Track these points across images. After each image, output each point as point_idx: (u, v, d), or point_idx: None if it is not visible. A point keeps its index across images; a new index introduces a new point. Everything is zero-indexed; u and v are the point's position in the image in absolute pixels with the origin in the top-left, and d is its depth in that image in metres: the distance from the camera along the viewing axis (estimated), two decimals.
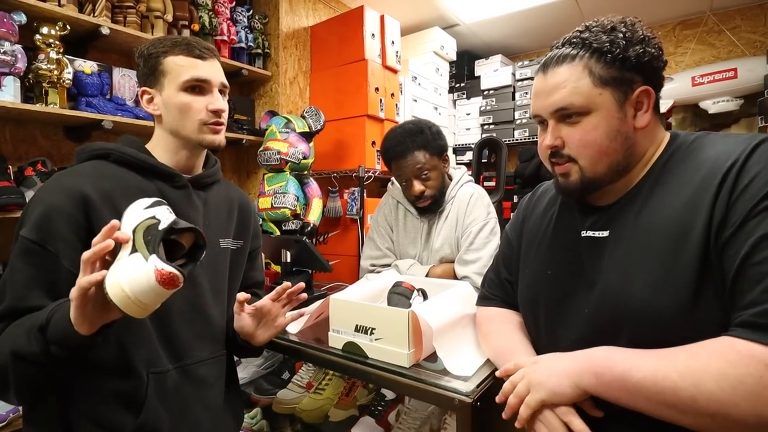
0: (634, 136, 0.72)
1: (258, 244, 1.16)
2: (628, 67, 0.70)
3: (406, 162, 1.45)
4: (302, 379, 1.74)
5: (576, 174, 0.75)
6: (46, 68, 1.50)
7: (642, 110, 0.72)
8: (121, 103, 1.77)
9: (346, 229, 2.43)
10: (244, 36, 2.29)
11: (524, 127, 3.34)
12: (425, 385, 0.87)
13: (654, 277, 0.64)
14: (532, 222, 0.93)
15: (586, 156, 0.73)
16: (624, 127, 0.71)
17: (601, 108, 0.71)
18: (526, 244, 0.92)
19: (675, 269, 0.63)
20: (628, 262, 0.69)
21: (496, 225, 1.49)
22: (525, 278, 0.90)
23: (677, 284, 0.62)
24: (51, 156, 1.72)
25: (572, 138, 0.73)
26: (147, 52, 0.92)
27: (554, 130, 0.75)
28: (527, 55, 3.79)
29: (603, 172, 0.73)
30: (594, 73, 0.71)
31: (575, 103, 0.71)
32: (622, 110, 0.71)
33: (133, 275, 0.63)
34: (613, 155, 0.72)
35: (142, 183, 0.88)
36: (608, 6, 2.90)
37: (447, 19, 3.09)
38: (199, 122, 0.92)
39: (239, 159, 2.53)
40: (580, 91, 0.71)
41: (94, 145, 0.91)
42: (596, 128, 0.71)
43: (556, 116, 0.75)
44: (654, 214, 0.68)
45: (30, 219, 0.77)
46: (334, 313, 1.06)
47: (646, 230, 0.68)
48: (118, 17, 1.76)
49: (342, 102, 2.42)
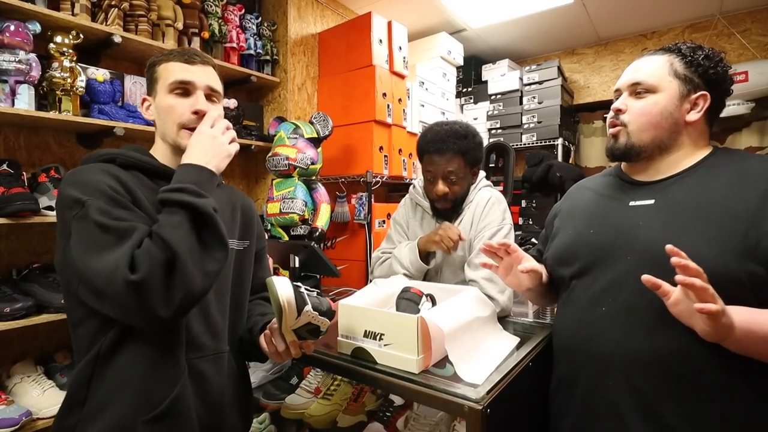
0: (682, 127, 0.90)
1: (263, 245, 1.17)
2: (699, 73, 0.89)
3: (441, 159, 1.42)
4: (311, 384, 1.73)
5: (624, 137, 0.94)
6: (59, 76, 1.52)
7: (696, 110, 0.90)
8: (133, 110, 1.79)
9: (354, 234, 2.43)
10: (253, 43, 2.32)
11: (532, 132, 3.32)
12: (434, 392, 0.86)
13: (703, 234, 0.79)
14: (567, 204, 1.11)
15: (637, 123, 0.91)
16: (677, 114, 0.90)
17: (666, 91, 0.90)
18: (562, 215, 1.09)
19: (724, 230, 0.78)
20: (677, 222, 0.84)
21: (510, 231, 1.47)
22: (563, 236, 1.04)
23: (723, 245, 0.77)
24: (64, 162, 1.74)
25: (634, 106, 0.93)
26: (149, 63, 0.95)
27: (624, 99, 0.95)
28: (534, 59, 3.79)
29: (647, 141, 0.91)
30: (672, 66, 0.91)
31: (647, 81, 0.91)
32: (681, 101, 0.90)
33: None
34: (659, 131, 0.90)
35: (149, 184, 0.90)
36: (616, 11, 2.89)
37: (454, 25, 3.09)
38: (179, 125, 0.91)
39: (248, 164, 2.55)
40: (656, 74, 0.91)
41: (100, 152, 0.92)
42: (656, 104, 0.90)
43: (630, 89, 0.94)
44: (707, 194, 0.84)
45: (84, 193, 0.78)
46: (343, 318, 1.06)
47: (698, 204, 0.83)
48: (130, 25, 1.79)
49: (350, 107, 2.44)
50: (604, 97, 3.53)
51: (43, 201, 1.46)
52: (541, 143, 3.29)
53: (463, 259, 1.49)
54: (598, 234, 0.95)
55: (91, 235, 0.75)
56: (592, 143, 3.63)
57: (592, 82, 3.59)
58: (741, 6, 2.91)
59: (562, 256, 1.02)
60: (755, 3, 2.87)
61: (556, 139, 3.22)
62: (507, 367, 0.96)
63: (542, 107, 3.29)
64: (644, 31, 3.24)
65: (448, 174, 1.43)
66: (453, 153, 1.42)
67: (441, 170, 1.43)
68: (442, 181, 1.44)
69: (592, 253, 0.94)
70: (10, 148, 1.62)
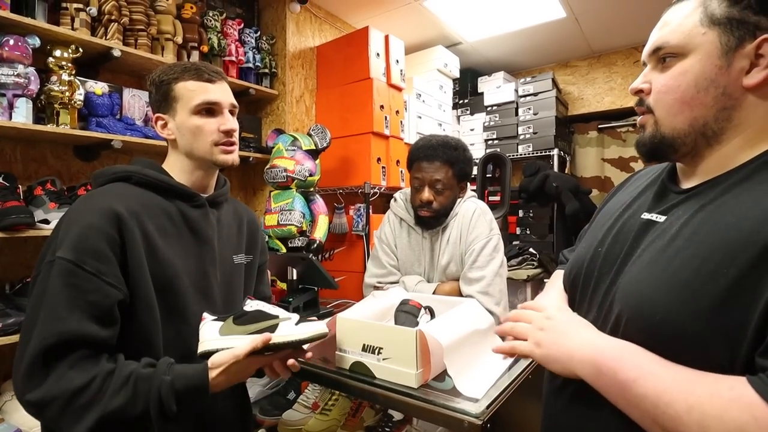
0: (739, 97, 0.58)
1: (265, 259, 1.17)
2: (757, 8, 0.56)
3: (430, 167, 1.45)
4: (308, 399, 1.71)
5: (651, 127, 0.64)
6: (58, 90, 1.53)
7: (761, 66, 0.56)
8: (131, 122, 1.80)
9: (352, 246, 2.42)
10: (252, 56, 2.34)
11: (528, 142, 3.35)
12: (434, 407, 0.86)
13: (679, 286, 0.55)
14: (614, 199, 0.81)
15: (663, 104, 0.62)
16: (723, 78, 0.58)
17: (698, 50, 0.59)
18: (597, 218, 0.83)
19: (701, 276, 0.53)
20: (663, 256, 0.58)
21: (499, 241, 1.48)
22: (579, 249, 0.81)
23: (702, 300, 0.52)
24: (60, 175, 1.74)
25: (657, 82, 0.63)
26: (158, 80, 0.95)
27: (646, 74, 0.65)
28: (529, 71, 3.83)
29: (682, 128, 0.61)
30: (707, 11, 0.59)
31: (671, 42, 0.61)
32: (727, 57, 0.57)
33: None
34: (698, 109, 0.59)
35: (162, 203, 0.91)
36: (608, 24, 2.93)
37: (450, 38, 3.13)
38: (211, 143, 0.94)
39: (246, 176, 2.55)
40: (682, 28, 0.60)
41: (114, 168, 0.92)
42: (685, 73, 0.60)
43: (653, 59, 0.65)
44: (718, 214, 0.56)
45: (66, 240, 0.77)
46: (341, 332, 1.05)
47: (698, 226, 0.57)
48: (129, 39, 1.80)
49: (347, 119, 2.45)
50: (597, 108, 3.57)
51: (38, 214, 1.45)
52: (537, 154, 3.31)
53: (454, 273, 1.49)
54: (600, 255, 0.71)
55: (38, 300, 0.75)
56: (587, 153, 3.66)
57: (586, 93, 3.63)
58: None
59: (567, 276, 0.79)
60: None
61: (552, 150, 3.25)
62: (506, 381, 0.96)
63: (537, 118, 3.32)
64: (636, 44, 3.28)
65: (435, 182, 1.45)
66: (442, 162, 1.45)
67: (429, 177, 1.45)
68: (429, 189, 1.46)
69: (588, 277, 0.72)
70: (6, 161, 1.62)
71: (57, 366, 0.73)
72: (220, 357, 0.79)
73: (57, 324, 0.73)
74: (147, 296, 0.82)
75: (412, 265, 1.56)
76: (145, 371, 0.76)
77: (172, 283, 0.87)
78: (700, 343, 0.52)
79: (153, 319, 0.83)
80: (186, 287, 0.89)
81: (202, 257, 0.94)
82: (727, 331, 0.50)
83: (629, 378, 0.55)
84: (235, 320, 0.85)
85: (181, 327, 0.88)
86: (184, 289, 0.88)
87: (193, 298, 0.90)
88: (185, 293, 0.89)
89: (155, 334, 0.84)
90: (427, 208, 1.46)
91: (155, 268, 0.84)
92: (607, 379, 0.58)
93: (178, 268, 0.88)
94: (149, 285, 0.83)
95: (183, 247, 0.91)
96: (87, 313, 0.75)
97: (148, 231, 0.85)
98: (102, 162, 1.84)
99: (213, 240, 0.97)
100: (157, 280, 0.84)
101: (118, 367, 0.76)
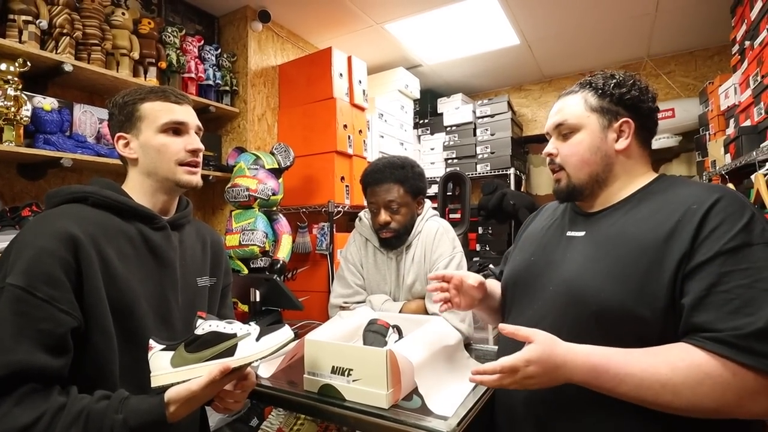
0: (614, 156, 0.88)
1: (229, 281, 1.14)
2: (615, 101, 0.88)
3: (380, 190, 1.48)
4: (272, 425, 1.65)
5: (564, 180, 0.93)
6: (2, 105, 1.44)
7: (623, 137, 0.88)
8: (82, 140, 1.71)
9: (316, 265, 2.40)
10: (212, 74, 2.30)
11: (486, 162, 3.47)
12: (406, 426, 0.86)
13: (608, 271, 0.79)
14: (531, 227, 1.10)
15: (571, 164, 0.91)
16: (605, 146, 0.88)
17: (587, 127, 0.89)
18: (521, 241, 1.09)
19: (627, 267, 0.77)
20: (593, 256, 0.83)
21: (462, 259, 1.52)
22: (512, 262, 1.06)
23: (626, 279, 0.76)
24: (2, 195, 1.62)
25: (563, 149, 0.92)
26: (122, 101, 0.93)
27: (553, 142, 0.95)
28: (486, 94, 4.00)
29: (584, 179, 0.90)
30: (587, 102, 0.90)
31: (568, 121, 0.91)
32: (605, 133, 0.88)
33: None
34: (593, 166, 0.89)
35: (122, 225, 0.87)
36: (558, 52, 3.13)
37: (410, 60, 3.23)
38: (176, 162, 0.93)
39: (205, 195, 2.48)
40: (574, 112, 0.91)
41: (70, 188, 0.88)
42: (581, 143, 0.90)
43: (556, 131, 0.94)
44: (626, 227, 0.83)
45: (17, 264, 0.73)
46: (309, 354, 1.04)
47: (615, 237, 0.83)
48: (82, 54, 1.73)
49: (311, 138, 2.45)
50: None
51: None
52: (494, 173, 3.44)
53: (420, 291, 1.51)
54: (535, 263, 0.95)
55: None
56: (541, 172, 3.85)
57: (539, 115, 3.83)
58: (665, 50, 3.25)
59: (506, 282, 1.03)
60: (678, 48, 3.22)
61: (509, 169, 3.38)
62: (474, 397, 0.98)
63: (494, 139, 3.46)
64: (583, 70, 3.52)
65: (389, 203, 1.48)
66: (391, 182, 1.48)
67: (381, 200, 1.49)
68: (384, 211, 1.49)
69: (526, 281, 0.95)
70: None
71: (2, 403, 0.67)
72: (176, 392, 0.75)
73: (4, 356, 0.68)
74: (103, 323, 0.78)
75: (378, 284, 1.57)
76: (98, 406, 0.72)
77: (130, 308, 0.83)
78: (633, 313, 0.74)
79: (109, 346, 0.79)
80: (145, 312, 0.85)
81: (163, 281, 0.91)
82: (650, 301, 0.73)
83: (614, 383, 0.71)
84: (187, 347, 0.79)
85: (138, 354, 0.83)
86: (142, 314, 0.85)
87: (152, 324, 0.86)
88: (143, 318, 0.85)
89: (112, 361, 0.80)
90: (387, 229, 1.49)
91: (113, 294, 0.80)
92: (595, 383, 0.72)
93: (137, 293, 0.84)
94: (106, 311, 0.79)
95: (143, 270, 0.88)
96: (38, 342, 0.70)
97: (106, 255, 0.81)
98: (49, 181, 1.73)
99: (175, 263, 0.93)
100: (115, 306, 0.80)
101: (69, 401, 0.71)
